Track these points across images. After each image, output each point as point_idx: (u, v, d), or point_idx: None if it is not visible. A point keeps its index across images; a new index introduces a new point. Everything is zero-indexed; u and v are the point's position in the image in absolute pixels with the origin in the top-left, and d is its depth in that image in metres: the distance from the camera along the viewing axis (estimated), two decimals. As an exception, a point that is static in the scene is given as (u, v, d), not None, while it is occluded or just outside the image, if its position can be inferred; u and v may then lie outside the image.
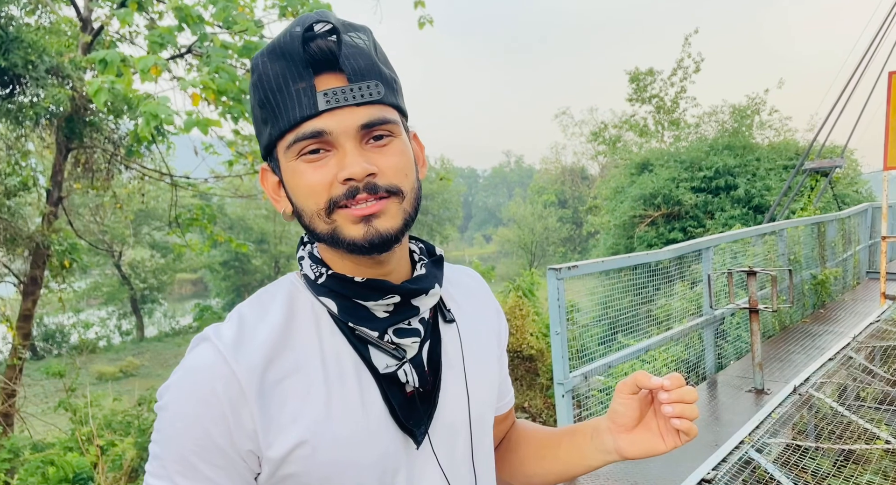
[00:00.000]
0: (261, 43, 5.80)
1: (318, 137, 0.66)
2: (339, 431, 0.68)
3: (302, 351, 0.70)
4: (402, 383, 0.72)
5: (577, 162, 36.81)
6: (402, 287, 0.72)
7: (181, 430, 0.65)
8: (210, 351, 0.67)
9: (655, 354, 4.46)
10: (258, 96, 0.69)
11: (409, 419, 0.72)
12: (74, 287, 15.33)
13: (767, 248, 6.29)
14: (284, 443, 0.66)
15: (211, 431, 0.65)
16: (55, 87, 6.09)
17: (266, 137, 0.70)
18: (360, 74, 0.67)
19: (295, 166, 0.68)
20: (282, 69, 0.67)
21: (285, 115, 0.66)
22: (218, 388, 0.65)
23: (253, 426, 0.65)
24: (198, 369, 0.66)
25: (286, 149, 0.68)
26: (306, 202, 0.68)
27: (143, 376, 17.50)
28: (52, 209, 7.05)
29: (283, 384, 0.67)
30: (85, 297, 24.96)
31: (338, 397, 0.69)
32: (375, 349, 0.71)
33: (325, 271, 0.72)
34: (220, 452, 0.65)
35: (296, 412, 0.67)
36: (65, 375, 7.01)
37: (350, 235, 0.67)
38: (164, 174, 8.52)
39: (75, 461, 5.53)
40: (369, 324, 0.70)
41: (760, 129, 18.12)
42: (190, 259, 26.58)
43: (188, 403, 0.65)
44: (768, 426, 2.85)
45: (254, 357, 0.66)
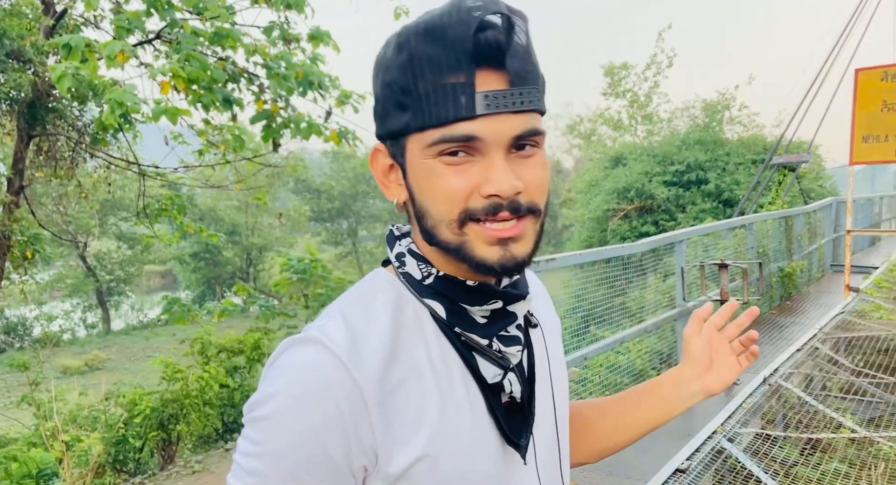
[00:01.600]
0: (233, 30, 5.67)
1: (466, 142, 0.60)
2: (457, 443, 0.64)
3: (413, 357, 0.65)
4: (499, 393, 0.68)
5: (552, 155, 37.05)
6: (506, 292, 0.68)
7: (294, 444, 0.58)
8: (324, 355, 0.60)
9: (630, 345, 4.51)
10: (405, 79, 0.61)
11: (514, 432, 0.68)
12: (37, 279, 14.91)
13: (737, 241, 6.42)
14: (406, 458, 0.61)
15: (329, 446, 0.59)
16: (16, 72, 5.87)
17: (399, 122, 0.63)
18: (521, 77, 0.60)
19: (432, 165, 0.61)
20: (438, 55, 0.59)
21: (435, 110, 0.59)
22: (339, 398, 0.59)
23: (372, 441, 0.60)
24: (313, 375, 0.59)
25: (426, 145, 0.61)
26: (437, 207, 0.62)
27: (109, 370, 17.12)
28: (14, 198, 6.81)
29: (399, 394, 0.62)
30: (48, 289, 24.29)
31: (451, 407, 0.65)
32: (482, 357, 0.67)
33: (434, 272, 0.67)
34: (334, 468, 0.59)
35: (415, 423, 0.62)
36: (29, 368, 6.82)
37: (482, 256, 0.62)
38: (131, 163, 8.29)
39: (39, 457, 5.39)
40: (478, 330, 0.66)
41: (730, 124, 18.45)
42: (158, 251, 26.04)
43: (304, 414, 0.58)
44: (739, 416, 2.90)
45: (372, 363, 0.61)
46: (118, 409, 6.18)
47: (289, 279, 8.49)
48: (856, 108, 5.33)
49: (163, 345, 19.14)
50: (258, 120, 6.16)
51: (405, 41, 0.61)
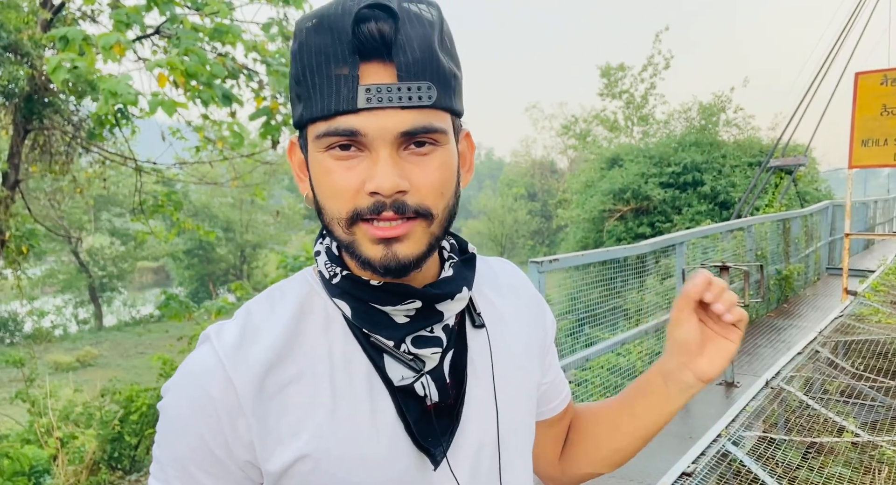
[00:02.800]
0: (232, 26, 5.63)
1: (349, 136, 0.58)
2: (346, 447, 0.62)
3: (309, 356, 0.64)
4: (420, 397, 0.65)
5: (546, 155, 37.09)
6: (424, 292, 0.64)
7: (177, 434, 0.62)
8: (209, 354, 0.63)
9: (630, 347, 4.51)
10: (296, 69, 0.60)
11: (426, 437, 0.65)
12: (29, 274, 14.79)
13: (736, 243, 6.43)
14: (283, 456, 0.61)
15: (206, 438, 0.61)
16: (13, 65, 5.81)
17: (297, 114, 0.62)
18: (412, 71, 0.57)
19: (322, 159, 0.60)
20: (325, 46, 0.57)
21: (320, 102, 0.58)
22: (214, 394, 0.61)
23: (249, 437, 0.61)
24: (195, 372, 0.63)
25: (315, 137, 0.60)
26: (328, 203, 0.61)
27: (101, 366, 17.01)
28: (9, 193, 6.74)
29: (285, 392, 0.62)
30: (40, 284, 24.12)
31: (346, 409, 0.63)
32: (391, 359, 0.65)
33: (339, 271, 0.65)
34: (216, 460, 0.62)
35: (298, 423, 0.62)
36: (24, 364, 6.76)
37: (367, 255, 0.61)
38: (127, 158, 8.23)
39: (32, 454, 5.34)
40: (385, 332, 0.64)
41: (726, 126, 18.52)
42: (152, 247, 25.89)
43: (185, 407, 0.62)
44: (743, 420, 2.91)
45: (254, 363, 0.62)
46: (113, 406, 6.13)
47: (285, 276, 8.45)
48: (855, 112, 5.35)
49: (155, 342, 19.03)
50: (257, 116, 6.11)
51: (298, 31, 0.60)
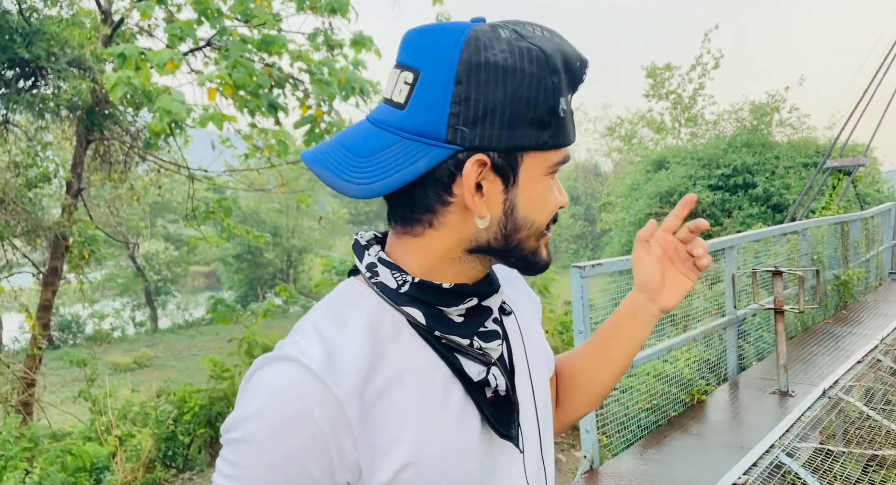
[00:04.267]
0: (279, 36, 5.78)
1: (565, 163, 0.69)
2: (443, 448, 0.64)
3: (392, 365, 0.64)
4: (483, 389, 0.68)
5: (590, 158, 36.60)
6: (478, 289, 0.69)
7: (274, 467, 0.57)
8: (302, 373, 0.59)
9: (678, 354, 4.40)
10: (554, 99, 0.63)
11: (504, 426, 0.69)
12: (90, 278, 15.49)
13: (790, 247, 6.20)
14: (390, 467, 0.61)
15: (310, 467, 0.58)
16: (76, 79, 6.12)
17: (533, 139, 0.63)
18: None
19: (546, 183, 0.67)
20: (560, 82, 0.64)
21: (564, 133, 0.66)
22: (319, 417, 0.58)
23: (356, 456, 0.60)
24: (292, 395, 0.58)
25: (553, 163, 0.67)
26: (540, 219, 0.68)
27: (156, 367, 17.66)
28: (72, 201, 7.09)
29: (379, 406, 0.62)
30: (100, 288, 25.23)
31: (434, 411, 0.65)
32: (464, 357, 0.67)
33: (409, 279, 0.67)
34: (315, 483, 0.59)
35: (397, 433, 0.62)
36: (86, 364, 7.08)
37: (543, 257, 0.71)
38: (180, 167, 8.54)
39: (93, 451, 5.58)
40: (458, 331, 0.67)
41: (780, 126, 17.88)
42: (203, 252, 26.75)
43: (284, 435, 0.57)
44: (798, 430, 2.80)
45: (352, 378, 0.60)
46: (168, 406, 6.36)
47: (329, 280, 8.59)
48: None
49: (207, 343, 19.64)
50: (302, 124, 6.25)
51: (555, 65, 0.62)
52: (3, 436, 5.67)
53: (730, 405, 4.18)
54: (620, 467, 3.24)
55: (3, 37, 5.61)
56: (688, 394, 4.17)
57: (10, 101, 6.43)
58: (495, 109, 0.61)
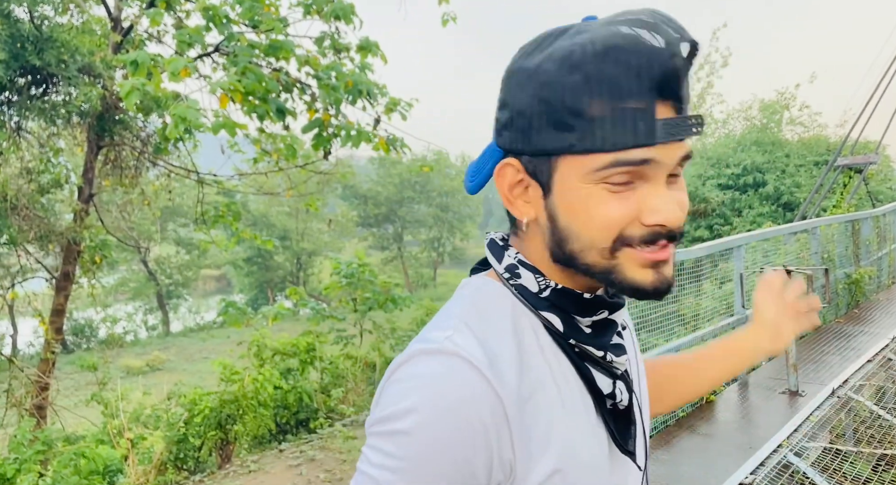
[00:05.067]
0: (286, 41, 5.83)
1: (638, 165, 0.57)
2: (587, 456, 0.63)
3: (537, 370, 0.63)
4: (605, 401, 0.67)
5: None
6: (613, 302, 0.67)
7: (437, 459, 0.57)
8: (464, 367, 0.58)
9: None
10: (575, 99, 0.57)
11: (626, 441, 0.67)
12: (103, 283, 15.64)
13: (800, 246, 6.16)
14: (541, 473, 0.60)
15: (473, 461, 0.58)
16: (87, 86, 6.20)
17: (557, 142, 0.59)
18: (689, 104, 0.59)
19: (593, 191, 0.59)
20: (618, 79, 0.56)
21: (610, 136, 0.56)
22: (484, 412, 0.57)
23: (511, 456, 0.59)
24: (453, 389, 0.58)
25: (592, 170, 0.58)
26: (590, 233, 0.60)
27: (169, 371, 17.79)
28: (84, 206, 7.18)
29: (529, 407, 0.61)
30: (113, 292, 25.47)
31: (574, 420, 0.64)
32: (595, 369, 0.66)
33: (552, 285, 0.65)
34: (474, 483, 0.59)
35: (546, 438, 0.61)
36: (98, 368, 7.16)
37: (634, 279, 0.61)
38: (190, 171, 8.62)
39: (106, 454, 5.63)
40: (594, 342, 0.65)
41: (790, 125, 17.75)
42: (214, 255, 26.96)
43: (447, 430, 0.57)
44: (806, 430, 2.78)
45: (510, 377, 0.60)
46: (179, 408, 6.41)
47: (338, 283, 8.63)
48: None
49: (218, 347, 19.78)
50: (310, 129, 6.30)
51: (580, 61, 0.57)
52: (17, 439, 5.74)
53: (739, 405, 4.16)
54: (628, 468, 3.23)
55: (14, 45, 5.69)
56: (696, 394, 4.15)
57: (22, 108, 6.53)
58: (521, 113, 0.61)
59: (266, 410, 6.12)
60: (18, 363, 7.58)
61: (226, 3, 5.82)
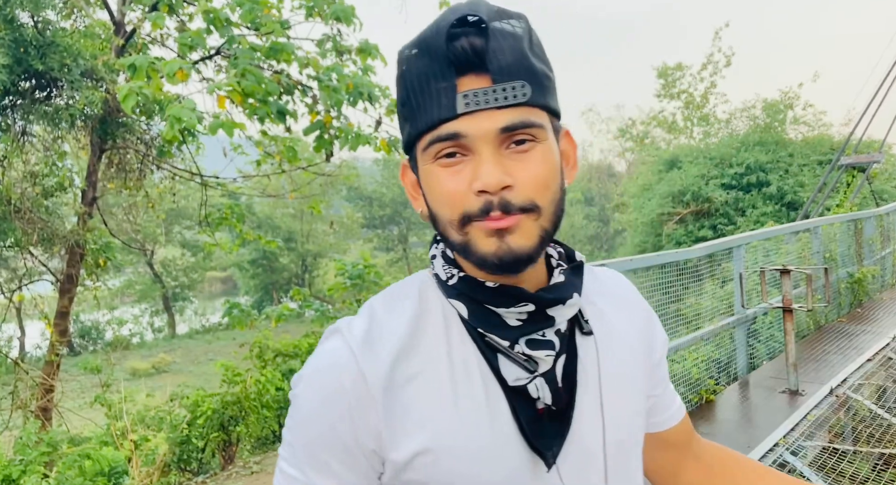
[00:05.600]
0: (289, 44, 5.86)
1: (453, 140, 0.62)
2: (465, 442, 0.64)
3: (430, 353, 0.67)
4: (532, 398, 0.66)
5: (603, 159, 36.45)
6: (538, 296, 0.66)
7: (309, 422, 0.65)
8: (340, 345, 0.66)
9: (685, 353, 4.38)
10: (401, 94, 0.66)
11: (539, 438, 0.66)
12: (109, 285, 15.74)
13: (801, 245, 6.14)
14: (408, 448, 0.64)
15: (337, 427, 0.64)
16: (89, 90, 6.24)
17: (405, 135, 0.67)
18: (506, 73, 0.61)
19: (431, 170, 0.64)
20: (425, 67, 0.63)
21: (424, 116, 0.63)
22: (346, 384, 0.64)
23: (378, 427, 0.64)
24: (328, 364, 0.66)
25: (423, 150, 0.65)
26: (441, 210, 0.65)
27: (174, 373, 17.86)
28: (87, 209, 7.23)
29: (410, 386, 0.65)
30: (119, 294, 25.60)
31: (465, 406, 0.65)
32: (505, 359, 0.66)
33: (456, 273, 0.69)
34: (345, 448, 0.65)
35: (422, 417, 0.64)
36: (101, 370, 7.20)
37: (482, 250, 0.63)
38: (194, 174, 8.66)
39: (110, 455, 5.66)
40: (500, 332, 0.66)
41: (794, 124, 17.68)
42: (219, 258, 27.04)
43: (316, 396, 0.65)
44: (804, 429, 2.78)
45: (384, 357, 0.65)
46: (182, 410, 6.44)
47: (343, 284, 8.65)
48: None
49: (223, 348, 19.84)
50: (311, 131, 6.32)
51: (401, 59, 0.66)
52: (22, 441, 5.78)
53: (739, 405, 4.15)
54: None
55: (18, 49, 5.74)
56: (696, 394, 4.15)
57: (26, 112, 6.58)
58: (399, 117, 0.69)
59: (269, 411, 6.14)
60: (24, 366, 7.63)
61: (227, 6, 5.86)
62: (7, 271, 9.50)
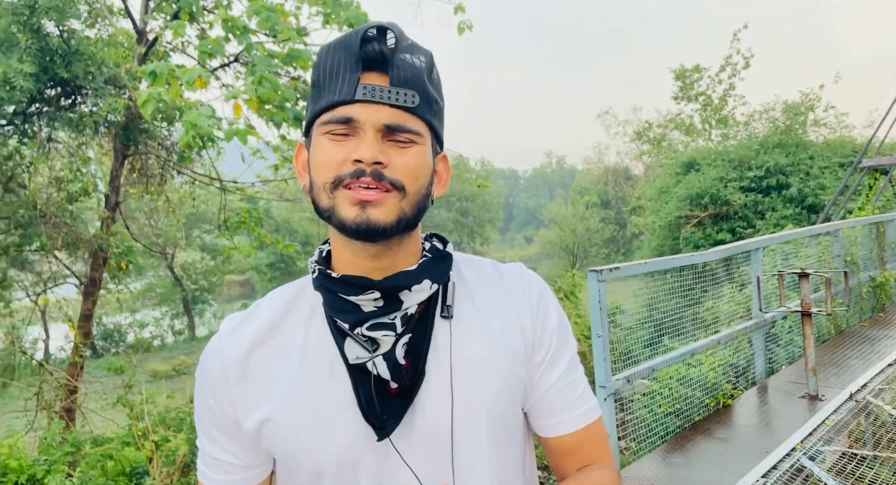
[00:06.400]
0: (305, 51, 5.93)
1: (346, 123, 0.71)
2: (302, 415, 0.74)
3: (287, 338, 0.78)
4: (376, 377, 0.73)
5: (620, 162, 36.22)
6: (380, 283, 0.74)
7: (196, 399, 0.82)
8: (214, 339, 0.81)
9: (702, 357, 4.35)
10: (313, 77, 0.76)
11: (375, 412, 0.72)
12: (131, 288, 15.97)
13: (821, 249, 6.06)
14: (254, 418, 0.76)
15: (209, 403, 0.80)
16: (113, 97, 6.38)
17: (309, 113, 0.77)
18: (402, 82, 0.72)
19: (320, 141, 0.74)
20: (338, 58, 0.73)
21: (326, 97, 0.73)
22: (213, 369, 0.79)
23: (233, 402, 0.77)
24: (205, 351, 0.82)
25: (319, 126, 0.74)
26: (318, 174, 0.74)
27: (193, 374, 18.03)
28: (110, 214, 7.37)
29: (262, 368, 0.77)
30: (140, 297, 25.93)
31: (306, 383, 0.75)
32: (351, 341, 0.75)
33: (315, 267, 0.80)
34: (217, 420, 0.79)
35: (267, 393, 0.76)
36: (123, 372, 7.32)
37: (343, 215, 0.71)
38: (213, 179, 8.79)
39: (132, 456, 5.74)
40: (343, 316, 0.74)
41: (815, 126, 17.44)
42: (238, 261, 27.31)
43: (198, 380, 0.82)
44: (822, 433, 2.75)
45: (240, 345, 0.78)
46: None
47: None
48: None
49: (242, 351, 19.98)
50: (328, 135, 6.37)
51: (320, 51, 0.76)
52: (46, 441, 5.89)
53: (757, 409, 4.11)
54: (642, 471, 3.23)
55: (44, 58, 5.89)
56: (713, 398, 4.12)
57: (52, 119, 6.74)
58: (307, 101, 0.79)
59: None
60: (48, 367, 7.79)
61: (245, 14, 5.95)
62: (33, 275, 9.71)
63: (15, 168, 6.94)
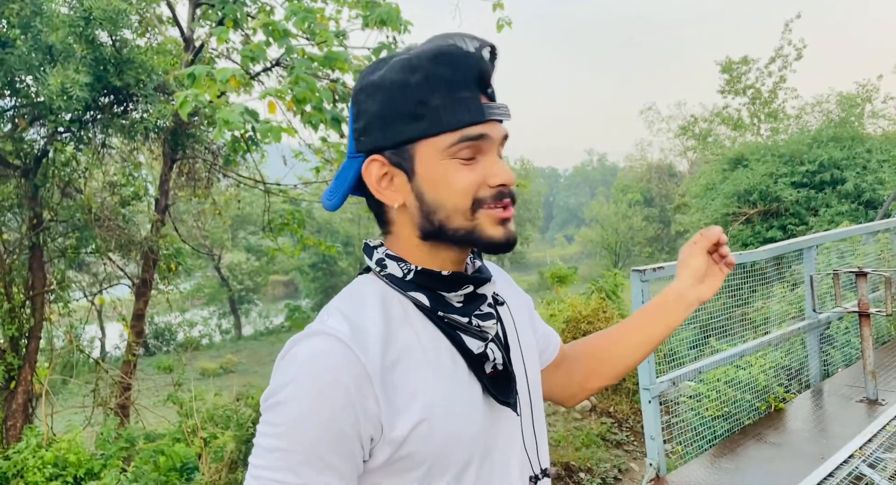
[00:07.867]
0: (342, 53, 6.00)
1: (479, 140, 0.75)
2: (451, 407, 0.76)
3: (404, 340, 0.76)
4: (483, 363, 0.80)
5: (663, 159, 35.39)
6: (476, 278, 0.82)
7: (308, 421, 0.68)
8: (332, 342, 0.71)
9: (751, 359, 4.20)
10: (419, 94, 0.74)
11: (502, 393, 0.81)
12: (180, 289, 16.50)
13: (880, 246, 5.78)
14: (406, 423, 0.72)
15: (339, 420, 0.68)
16: (162, 104, 6.59)
17: (412, 131, 0.75)
18: (496, 97, 0.79)
19: (449, 164, 0.75)
20: (450, 76, 0.74)
21: (451, 117, 0.74)
22: (344, 377, 0.69)
23: (377, 411, 0.71)
24: (321, 361, 0.70)
25: (444, 147, 0.75)
26: (452, 199, 0.75)
27: (240, 373, 18.52)
28: (160, 216, 7.62)
29: (397, 370, 0.74)
30: (189, 297, 26.75)
31: (443, 378, 0.76)
32: (465, 334, 0.79)
33: (413, 268, 0.79)
34: (346, 440, 0.69)
35: (413, 394, 0.73)
36: (173, 370, 7.56)
37: (491, 234, 0.77)
38: (257, 181, 8.99)
39: (182, 452, 5.92)
40: (458, 311, 0.79)
41: (873, 118, 16.66)
42: (282, 262, 27.90)
43: (315, 395, 0.68)
44: (883, 439, 2.61)
45: (373, 346, 0.73)
46: (248, 409, 6.68)
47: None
48: None
49: (286, 350, 20.39)
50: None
51: (418, 65, 0.75)
52: (102, 437, 6.13)
53: (811, 414, 3.94)
54: (689, 476, 3.14)
55: (98, 67, 6.13)
56: (763, 401, 3.97)
57: (105, 126, 7.01)
58: (376, 116, 0.77)
59: (329, 411, 6.26)
60: (104, 365, 8.11)
61: (284, 19, 6.06)
62: (89, 276, 10.13)
63: (72, 173, 7.25)
